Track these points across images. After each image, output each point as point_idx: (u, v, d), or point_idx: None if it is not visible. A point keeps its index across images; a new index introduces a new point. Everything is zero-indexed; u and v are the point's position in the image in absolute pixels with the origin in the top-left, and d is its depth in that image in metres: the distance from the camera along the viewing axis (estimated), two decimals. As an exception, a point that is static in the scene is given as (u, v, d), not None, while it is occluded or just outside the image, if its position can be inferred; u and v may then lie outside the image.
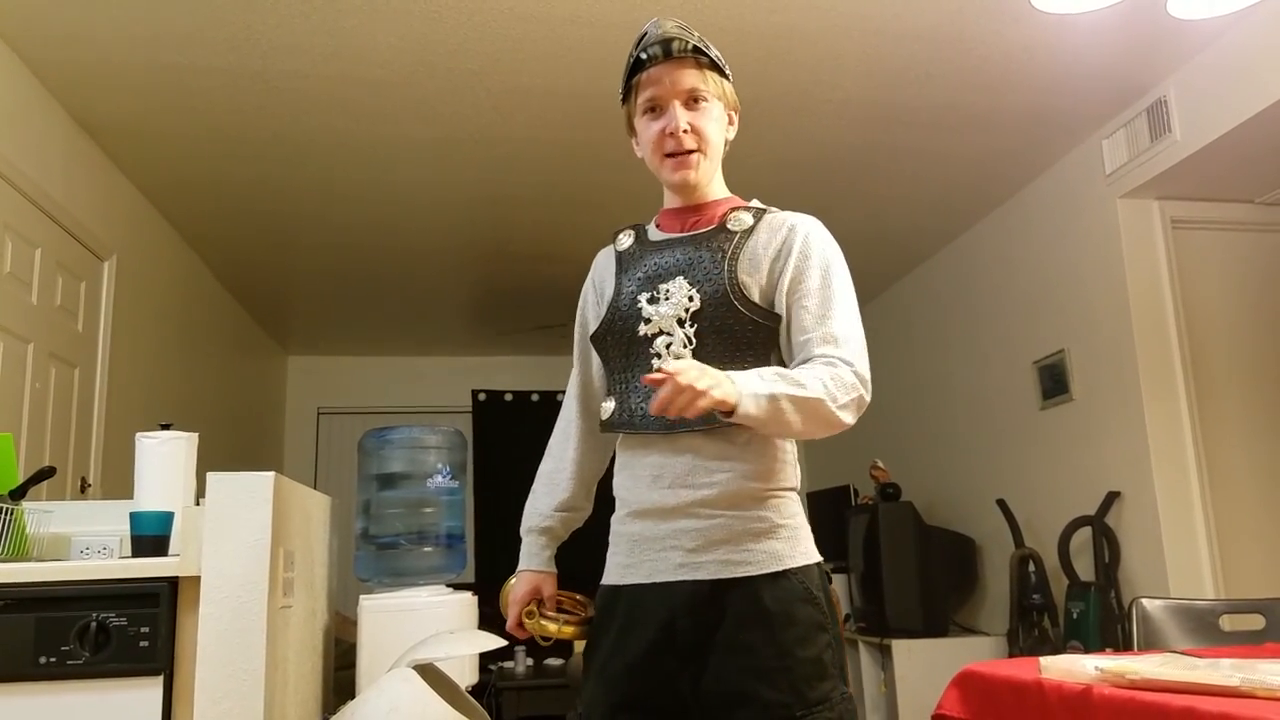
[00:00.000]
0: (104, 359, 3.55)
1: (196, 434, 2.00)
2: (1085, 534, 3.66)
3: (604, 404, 1.50)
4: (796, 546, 1.39)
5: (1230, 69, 3.00)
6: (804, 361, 1.37)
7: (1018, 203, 4.19)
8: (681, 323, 1.41)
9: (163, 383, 4.21)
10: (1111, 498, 3.57)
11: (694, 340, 1.40)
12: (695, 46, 1.45)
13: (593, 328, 1.54)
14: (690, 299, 1.41)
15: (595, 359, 1.57)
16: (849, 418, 1.34)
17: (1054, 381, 3.95)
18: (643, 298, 1.45)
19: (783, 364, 1.44)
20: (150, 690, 1.61)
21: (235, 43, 2.84)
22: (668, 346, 1.42)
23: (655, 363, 1.42)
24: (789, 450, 1.45)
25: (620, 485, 1.48)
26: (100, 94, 3.10)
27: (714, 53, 1.48)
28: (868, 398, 1.35)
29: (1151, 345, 3.47)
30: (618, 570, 1.44)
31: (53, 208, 3.12)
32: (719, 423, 1.34)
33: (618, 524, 1.47)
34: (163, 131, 3.38)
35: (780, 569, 1.36)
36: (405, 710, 1.85)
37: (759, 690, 1.29)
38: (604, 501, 1.57)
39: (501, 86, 3.15)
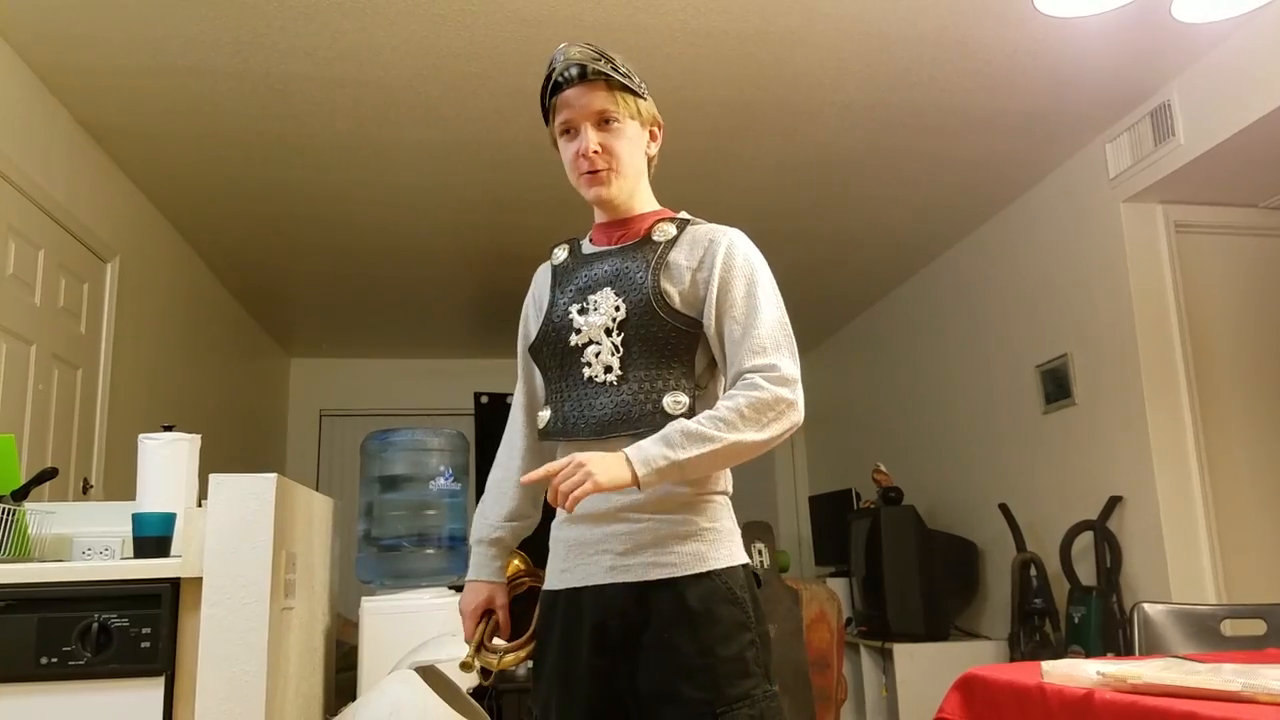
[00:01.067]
0: (106, 360, 3.55)
1: (199, 436, 2.01)
2: (1087, 538, 3.66)
3: (541, 413, 1.55)
4: (720, 549, 1.43)
5: (1234, 73, 3.00)
6: (735, 376, 1.43)
7: (1021, 206, 4.19)
8: (609, 332, 1.47)
9: (165, 384, 4.21)
10: (1113, 502, 3.56)
11: (620, 349, 1.45)
12: (602, 71, 1.49)
13: (531, 340, 1.59)
14: (617, 309, 1.47)
15: (537, 371, 1.62)
16: (775, 432, 1.39)
17: (1056, 386, 3.95)
18: (574, 309, 1.51)
19: (709, 369, 1.50)
20: (151, 691, 1.61)
21: (239, 46, 2.84)
22: (596, 355, 1.47)
23: (585, 372, 1.47)
24: None
25: None
26: (104, 96, 3.11)
27: (624, 73, 1.52)
28: (793, 398, 1.40)
29: (1154, 350, 3.47)
30: (556, 575, 1.49)
31: (56, 209, 3.13)
32: (644, 427, 1.41)
33: (555, 530, 1.52)
34: (166, 134, 3.38)
35: (704, 570, 1.40)
36: (406, 712, 1.85)
37: (682, 688, 1.34)
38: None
39: (504, 89, 3.15)
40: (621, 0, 2.70)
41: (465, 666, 1.52)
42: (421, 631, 2.31)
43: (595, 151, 1.49)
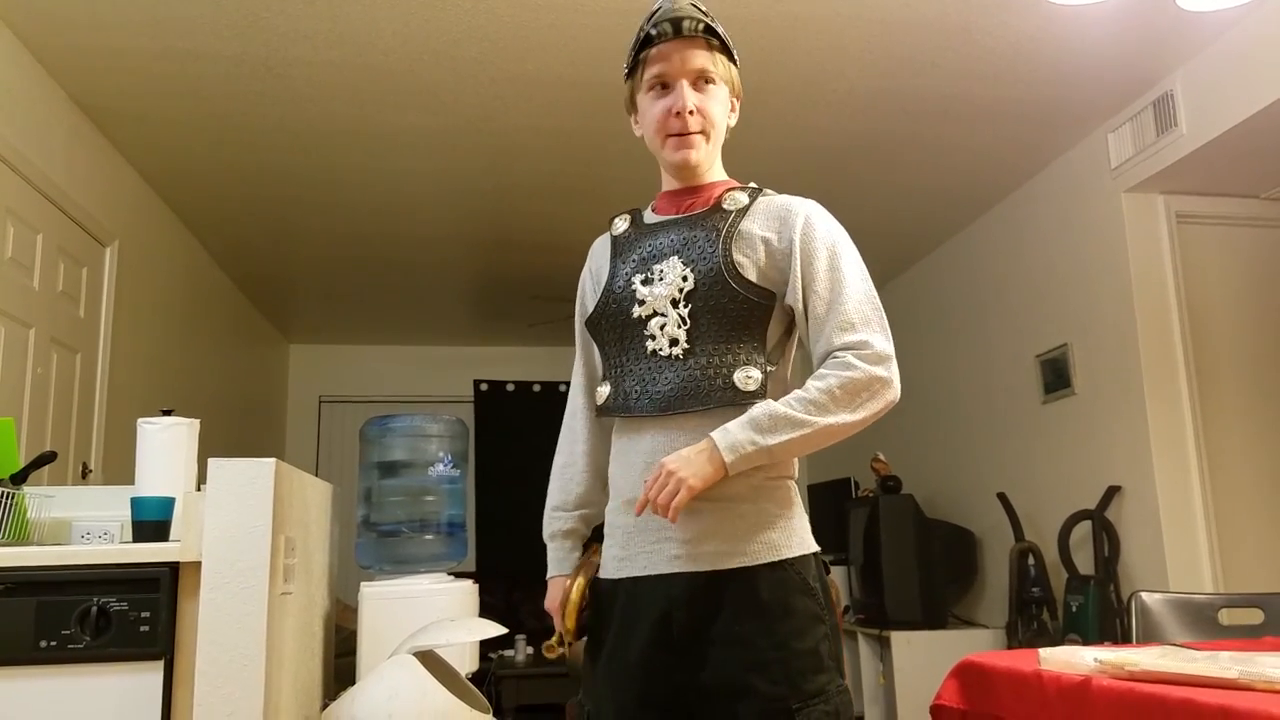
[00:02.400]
0: (106, 345, 3.55)
1: (198, 420, 2.01)
2: (1085, 528, 3.66)
3: (599, 388, 1.48)
4: (793, 537, 1.36)
5: (1238, 63, 2.98)
6: (824, 354, 1.36)
7: (1022, 196, 4.18)
8: (675, 303, 1.39)
9: (164, 369, 4.21)
10: (1112, 492, 3.57)
11: (688, 320, 1.38)
12: (708, 26, 1.43)
13: (589, 313, 1.51)
14: (684, 279, 1.39)
15: (595, 347, 1.55)
16: (869, 412, 1.32)
17: (1056, 375, 3.95)
18: (637, 279, 1.43)
19: (781, 343, 1.43)
20: (150, 675, 1.62)
21: (239, 29, 2.83)
22: (661, 328, 1.39)
23: (649, 345, 1.40)
24: None
25: (614, 473, 1.46)
26: (103, 79, 3.10)
27: (725, 35, 1.45)
28: (889, 376, 1.33)
29: (1154, 340, 3.46)
30: (613, 563, 1.42)
31: (55, 193, 3.12)
32: (713, 404, 1.34)
33: (611, 515, 1.45)
34: (166, 117, 3.37)
35: (777, 559, 1.33)
36: (405, 697, 1.86)
37: (755, 682, 1.28)
38: None
39: (505, 74, 3.14)
40: (623, -15, 2.68)
41: (550, 649, 1.47)
42: (420, 617, 2.31)
43: (691, 111, 1.41)
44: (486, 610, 2.61)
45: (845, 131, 3.62)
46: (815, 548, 1.40)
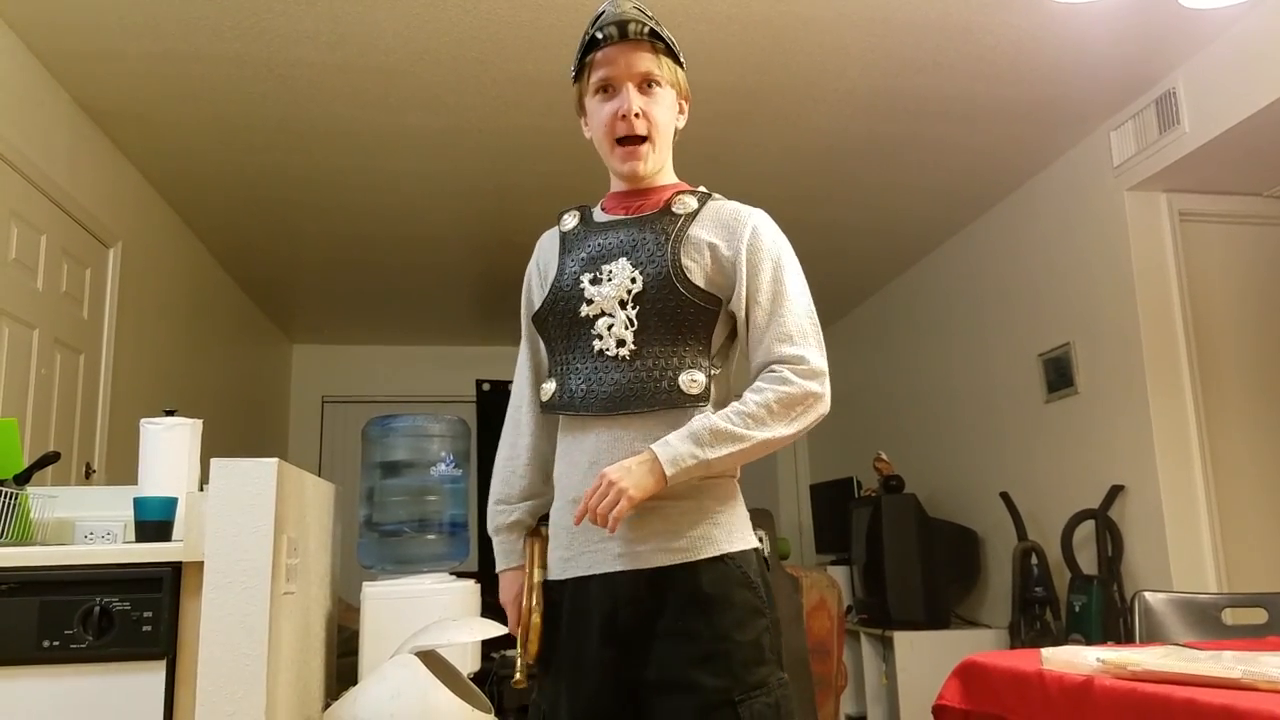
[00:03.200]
0: (109, 345, 3.55)
1: (201, 420, 2.01)
2: (1088, 527, 3.66)
3: (544, 384, 1.49)
4: (734, 532, 1.40)
5: (1240, 61, 2.98)
6: (762, 365, 1.40)
7: (1024, 194, 4.18)
8: (623, 304, 1.41)
9: (167, 369, 4.21)
10: (1115, 491, 3.56)
11: (635, 322, 1.40)
12: (652, 30, 1.44)
13: (536, 308, 1.53)
14: (633, 280, 1.41)
15: (541, 342, 1.56)
16: (802, 425, 1.37)
17: (1059, 374, 3.94)
18: (585, 278, 1.45)
19: (725, 347, 1.46)
20: (153, 675, 1.62)
21: (241, 30, 2.83)
22: (609, 328, 1.41)
23: (596, 344, 1.42)
24: None
25: (559, 473, 1.47)
26: (106, 81, 3.10)
27: (670, 38, 1.47)
28: (822, 391, 1.37)
29: (1157, 339, 3.46)
30: (559, 564, 1.44)
31: (58, 194, 3.12)
32: (658, 405, 1.37)
33: (556, 514, 1.47)
34: (168, 119, 3.37)
35: (717, 554, 1.37)
36: (407, 697, 1.86)
37: (699, 676, 1.30)
38: None
39: (506, 75, 3.14)
40: (624, -15, 2.68)
41: (518, 684, 1.45)
42: (423, 616, 2.31)
43: (637, 114, 1.42)
44: (488, 610, 2.61)
45: (847, 131, 3.62)
46: (755, 544, 1.43)
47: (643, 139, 1.45)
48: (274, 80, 3.13)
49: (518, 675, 1.45)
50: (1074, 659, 1.37)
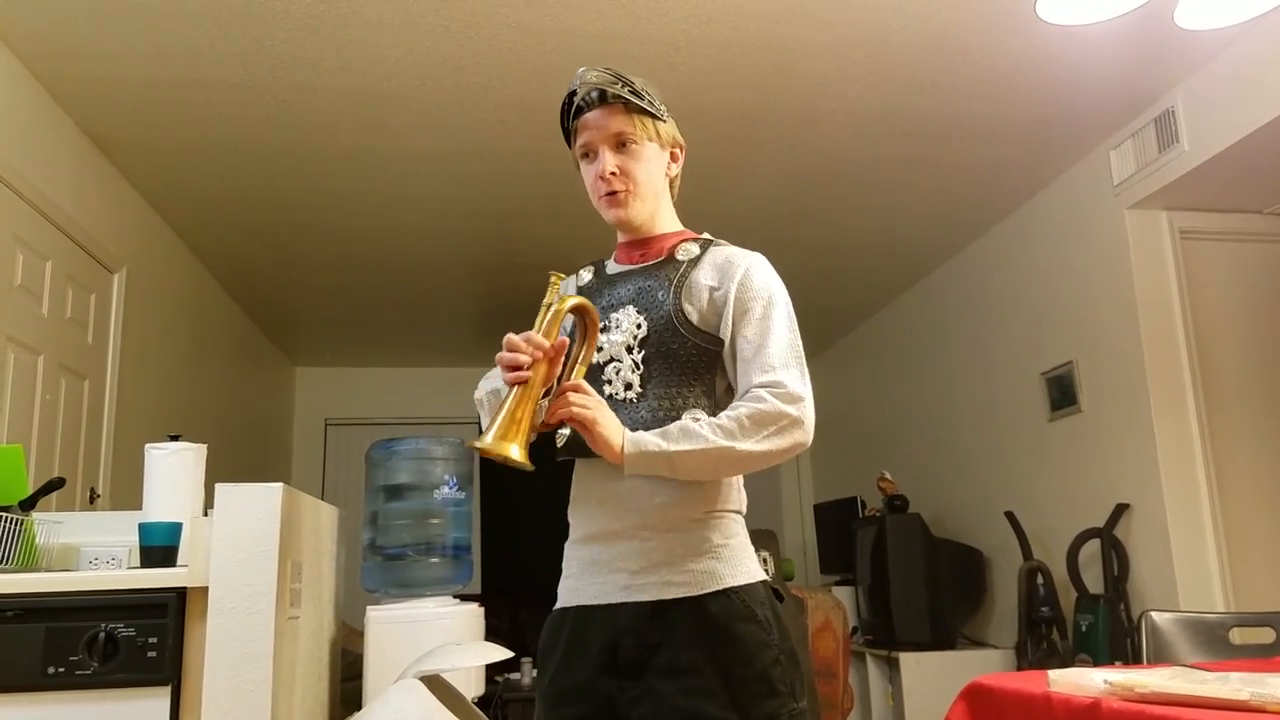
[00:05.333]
0: (113, 370, 3.56)
1: (205, 445, 2.01)
2: (1094, 546, 3.64)
3: (560, 430, 1.51)
4: (737, 566, 1.41)
5: (1238, 79, 3.00)
6: (744, 392, 1.42)
7: (1025, 214, 4.19)
8: (630, 349, 1.47)
9: (172, 394, 4.22)
10: (1120, 510, 3.55)
11: (641, 365, 1.45)
12: (620, 95, 1.50)
13: None
14: (639, 326, 1.47)
15: None
16: (774, 446, 1.36)
17: (1062, 393, 3.94)
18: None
19: (729, 391, 1.48)
20: (158, 701, 1.62)
21: (244, 57, 2.86)
22: (617, 372, 1.47)
23: (605, 389, 1.47)
24: (732, 476, 1.48)
25: (573, 511, 1.51)
26: (110, 107, 3.13)
27: (645, 97, 1.52)
28: (799, 415, 1.37)
29: (1160, 356, 3.46)
30: (566, 593, 1.48)
31: (63, 220, 3.14)
32: None
33: (570, 548, 1.50)
34: (172, 144, 3.40)
35: (720, 588, 1.38)
36: (412, 722, 1.85)
37: (702, 708, 1.31)
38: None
39: (507, 100, 3.16)
40: (623, 10, 2.71)
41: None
42: (427, 640, 2.31)
43: (612, 174, 1.49)
44: (492, 633, 2.60)
45: (846, 152, 3.63)
46: (762, 576, 1.44)
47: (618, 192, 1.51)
48: (277, 106, 3.15)
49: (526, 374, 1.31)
50: (1081, 681, 1.36)
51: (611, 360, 1.48)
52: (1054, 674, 1.42)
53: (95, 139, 3.34)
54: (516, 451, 1.26)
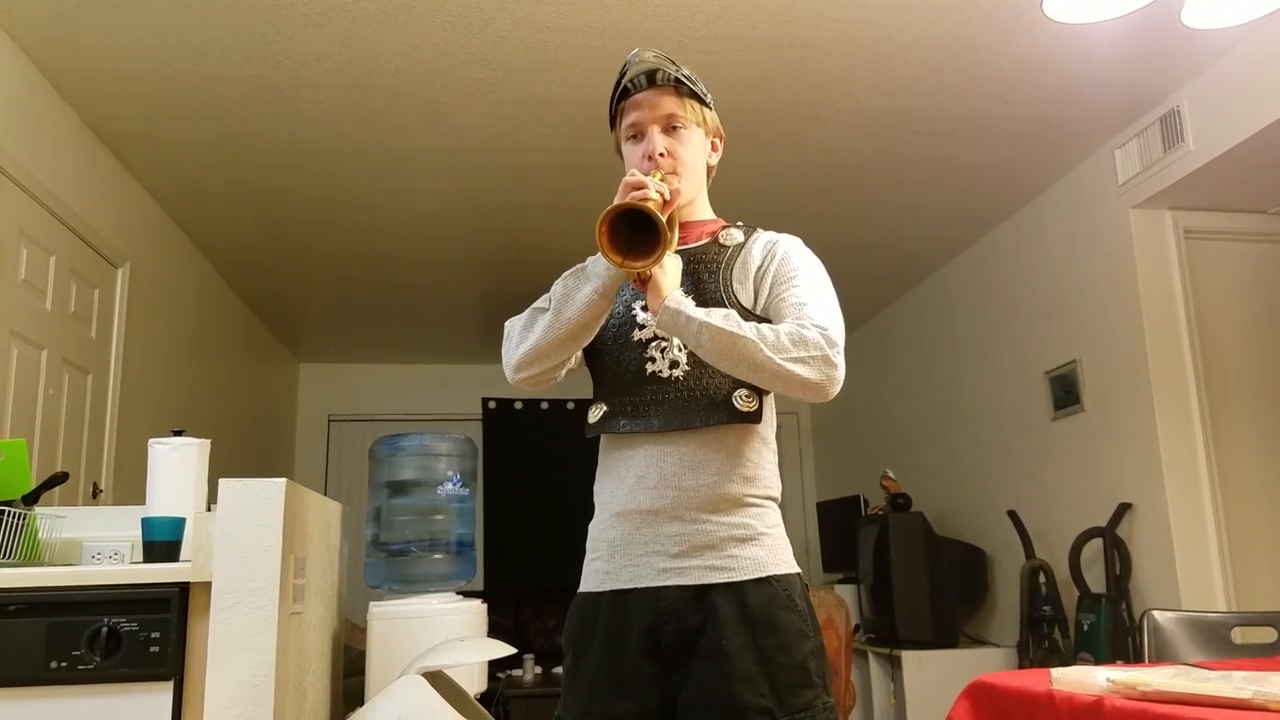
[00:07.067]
0: (117, 365, 3.57)
1: (208, 440, 2.02)
2: (1096, 545, 3.64)
3: (593, 408, 1.51)
4: (779, 555, 1.41)
5: (1243, 79, 2.99)
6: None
7: (1030, 213, 4.19)
8: None
9: (175, 389, 4.23)
10: (1123, 509, 3.55)
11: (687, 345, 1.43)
12: (677, 76, 1.51)
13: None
14: None
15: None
16: (799, 371, 1.33)
17: (1065, 392, 3.93)
18: (637, 305, 1.49)
19: None
20: (160, 696, 1.62)
21: (249, 52, 2.86)
22: (662, 351, 1.45)
23: (649, 367, 1.45)
24: (771, 459, 1.48)
25: (602, 489, 1.49)
26: (115, 102, 3.13)
27: (695, 82, 1.53)
28: (834, 359, 1.35)
29: (1164, 356, 3.45)
30: (597, 576, 1.45)
31: (67, 215, 3.15)
32: (712, 422, 1.39)
33: (597, 529, 1.48)
34: (177, 140, 3.40)
35: (763, 575, 1.37)
36: (414, 717, 1.86)
37: (742, 695, 1.30)
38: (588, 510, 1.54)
39: (513, 96, 3.16)
40: (630, 8, 2.70)
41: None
42: (429, 636, 2.31)
43: (661, 154, 1.48)
44: (495, 630, 2.61)
45: (852, 151, 3.63)
46: (798, 569, 1.44)
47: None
48: (283, 101, 3.15)
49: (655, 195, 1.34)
50: (1084, 679, 1.36)
51: (656, 338, 1.46)
52: (1057, 672, 1.42)
53: (100, 133, 3.34)
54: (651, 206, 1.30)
